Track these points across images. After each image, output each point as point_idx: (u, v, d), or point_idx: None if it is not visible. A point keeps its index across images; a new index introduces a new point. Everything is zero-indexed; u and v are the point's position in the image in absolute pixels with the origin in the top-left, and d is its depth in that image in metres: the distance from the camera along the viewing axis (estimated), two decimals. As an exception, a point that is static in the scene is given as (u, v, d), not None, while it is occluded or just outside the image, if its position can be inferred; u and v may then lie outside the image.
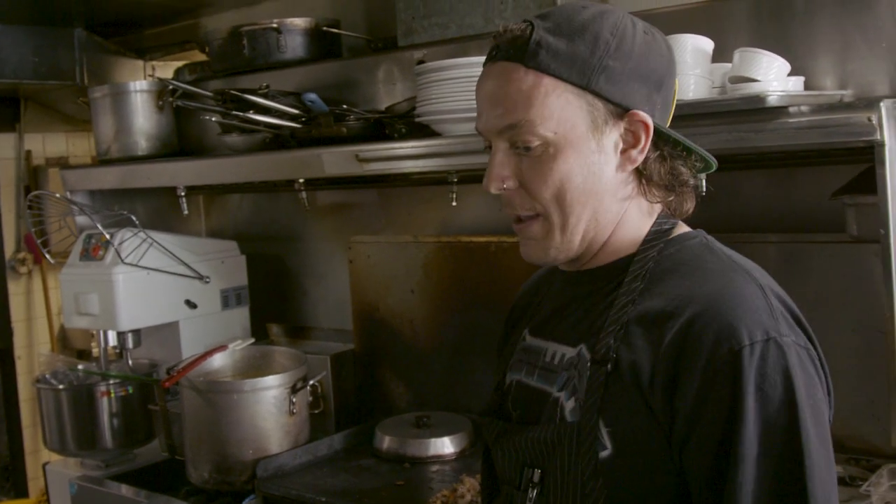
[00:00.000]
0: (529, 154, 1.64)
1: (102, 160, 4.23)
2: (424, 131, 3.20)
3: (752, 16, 2.78)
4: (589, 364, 1.64)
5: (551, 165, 1.62)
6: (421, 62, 3.26)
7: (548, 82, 1.60)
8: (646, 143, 1.63)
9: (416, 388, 3.83)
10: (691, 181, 1.74)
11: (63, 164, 5.80)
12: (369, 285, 3.93)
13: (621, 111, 1.62)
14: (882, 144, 2.23)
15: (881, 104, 2.22)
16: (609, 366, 1.59)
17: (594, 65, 1.59)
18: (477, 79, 3.04)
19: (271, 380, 3.33)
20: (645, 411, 1.55)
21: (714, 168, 1.76)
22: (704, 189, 2.24)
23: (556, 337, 1.78)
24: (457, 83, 3.02)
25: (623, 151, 1.65)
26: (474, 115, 3.01)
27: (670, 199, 1.73)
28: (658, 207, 1.74)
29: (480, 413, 1.94)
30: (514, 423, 1.80)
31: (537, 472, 1.70)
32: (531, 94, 1.61)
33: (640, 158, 1.65)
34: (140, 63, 5.11)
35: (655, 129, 1.63)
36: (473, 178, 3.44)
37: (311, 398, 3.53)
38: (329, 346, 4.05)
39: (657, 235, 1.71)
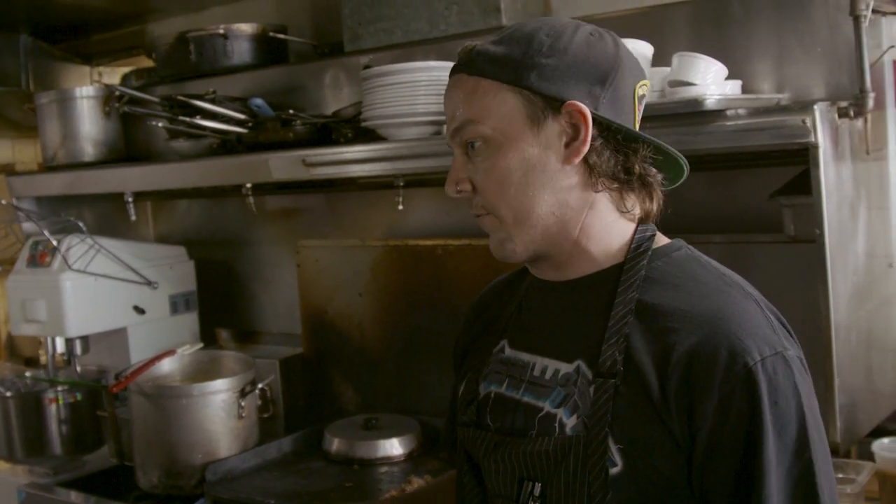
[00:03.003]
0: (475, 154, 1.69)
1: (49, 166, 4.22)
2: (370, 136, 3.22)
3: (691, 21, 2.83)
4: (590, 378, 1.64)
5: (493, 162, 1.67)
6: (367, 67, 3.28)
7: (485, 84, 1.67)
8: (586, 132, 1.64)
9: (365, 390, 3.84)
10: (655, 177, 1.74)
11: (9, 170, 5.74)
12: (317, 289, 3.94)
13: (558, 104, 1.64)
14: (816, 146, 2.28)
15: (815, 107, 2.27)
16: (616, 380, 1.60)
17: (526, 63, 1.64)
18: (422, 83, 3.10)
19: (220, 384, 3.33)
20: (658, 424, 1.56)
21: (685, 172, 1.78)
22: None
23: (545, 351, 1.76)
24: (402, 88, 3.05)
25: (567, 144, 1.66)
26: (420, 119, 3.09)
27: (637, 197, 1.73)
28: (636, 213, 1.74)
29: (458, 424, 1.93)
30: (508, 436, 1.77)
31: (538, 485, 1.70)
32: (471, 96, 1.68)
33: (584, 149, 1.65)
34: (86, 69, 5.08)
35: (603, 122, 1.65)
36: (419, 182, 3.47)
37: (260, 402, 3.53)
38: (278, 350, 4.05)
39: (641, 243, 1.72)
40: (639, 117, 1.74)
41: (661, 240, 1.76)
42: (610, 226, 1.72)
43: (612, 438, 1.59)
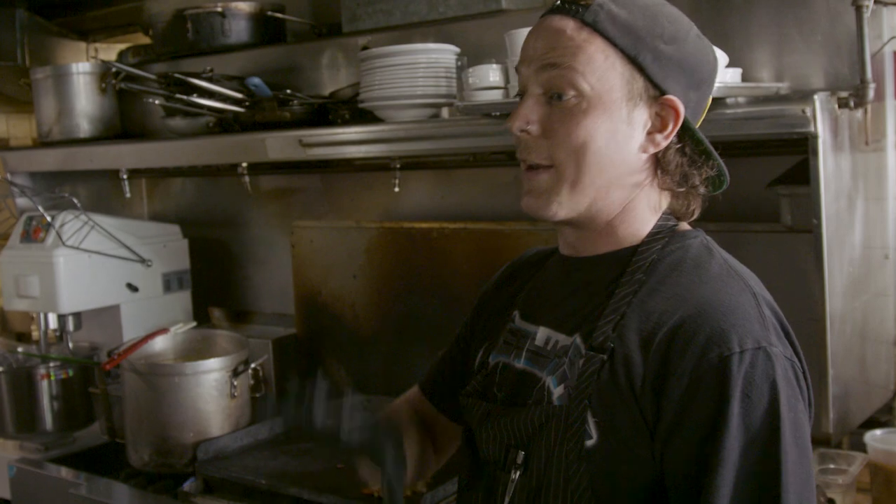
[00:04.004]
0: (561, 104, 1.65)
1: (44, 142, 4.20)
2: (367, 117, 3.21)
3: (691, 8, 2.81)
4: (583, 352, 1.64)
5: (580, 119, 1.63)
6: (365, 48, 3.27)
7: (600, 41, 1.62)
8: (673, 129, 1.64)
9: (358, 372, 3.84)
10: (701, 188, 1.74)
11: (4, 145, 5.74)
12: (312, 270, 3.94)
13: (657, 94, 1.64)
14: (815, 136, 2.27)
15: (815, 97, 2.26)
16: (605, 355, 1.60)
17: (647, 41, 1.62)
18: (420, 65, 3.08)
19: (213, 363, 3.34)
20: (633, 406, 1.56)
21: (725, 186, 1.77)
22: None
23: (550, 323, 1.77)
24: (400, 70, 3.04)
25: (649, 133, 1.66)
26: (417, 101, 3.06)
27: (678, 197, 1.73)
28: (664, 205, 1.74)
29: (462, 394, 1.93)
30: (500, 405, 1.79)
31: (521, 453, 1.71)
32: (582, 46, 1.63)
33: (664, 144, 1.65)
34: (83, 45, 5.06)
35: (683, 123, 1.65)
36: (416, 164, 3.47)
37: (252, 381, 3.54)
38: (271, 331, 4.05)
39: (661, 230, 1.72)
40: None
41: (683, 227, 1.77)
42: (645, 217, 1.73)
43: (590, 411, 1.60)
